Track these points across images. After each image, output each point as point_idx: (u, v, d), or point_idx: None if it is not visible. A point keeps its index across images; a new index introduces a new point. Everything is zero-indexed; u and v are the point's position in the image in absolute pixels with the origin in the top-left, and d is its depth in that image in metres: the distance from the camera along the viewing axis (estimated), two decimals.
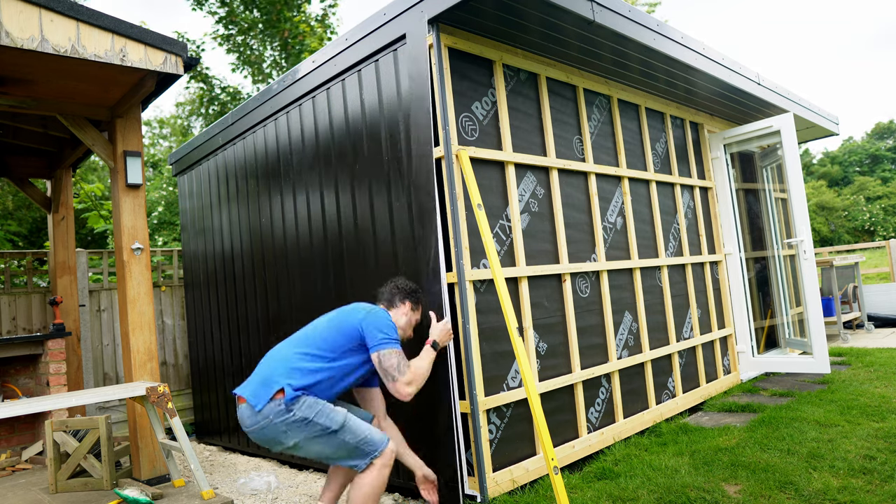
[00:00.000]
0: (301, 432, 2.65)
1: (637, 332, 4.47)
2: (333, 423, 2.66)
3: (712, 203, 5.73)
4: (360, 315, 2.91)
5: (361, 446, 2.69)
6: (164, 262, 6.69)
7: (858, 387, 4.97)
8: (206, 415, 5.82)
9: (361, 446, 2.69)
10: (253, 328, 4.98)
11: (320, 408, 2.68)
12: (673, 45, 4.20)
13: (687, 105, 5.55)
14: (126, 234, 4.05)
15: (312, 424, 2.64)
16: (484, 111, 3.60)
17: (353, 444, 2.68)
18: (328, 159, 4.06)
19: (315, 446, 2.69)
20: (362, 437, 2.70)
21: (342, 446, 2.68)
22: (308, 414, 2.64)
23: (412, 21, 3.36)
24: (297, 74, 4.27)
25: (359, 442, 2.69)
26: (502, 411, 3.40)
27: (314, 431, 2.65)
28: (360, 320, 2.88)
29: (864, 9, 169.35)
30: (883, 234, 32.92)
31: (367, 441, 2.70)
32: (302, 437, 2.66)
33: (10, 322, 5.56)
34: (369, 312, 2.92)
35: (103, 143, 4.16)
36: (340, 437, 2.67)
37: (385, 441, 2.75)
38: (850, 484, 2.98)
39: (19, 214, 13.83)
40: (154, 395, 3.56)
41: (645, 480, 3.24)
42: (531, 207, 3.80)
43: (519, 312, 3.59)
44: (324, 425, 2.65)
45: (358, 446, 2.69)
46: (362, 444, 2.69)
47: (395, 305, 3.13)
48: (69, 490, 3.71)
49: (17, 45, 3.19)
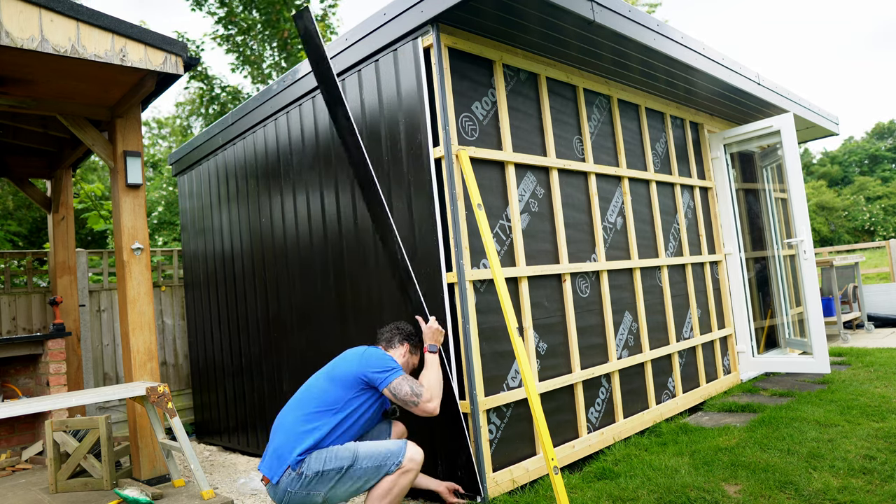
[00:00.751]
0: (323, 485, 2.62)
1: (637, 332, 4.47)
2: (345, 460, 2.64)
3: (712, 203, 5.73)
4: (354, 363, 2.88)
5: (384, 463, 2.67)
6: (164, 262, 6.69)
7: (858, 387, 4.97)
8: (206, 415, 5.82)
9: (384, 463, 2.67)
10: (253, 328, 4.98)
11: (325, 455, 2.65)
12: (673, 45, 4.20)
13: (687, 105, 5.55)
14: (126, 234, 4.05)
15: (327, 473, 2.62)
16: (484, 111, 3.60)
17: (375, 465, 2.66)
18: (328, 159, 4.06)
19: (343, 488, 2.66)
20: (380, 454, 2.68)
21: (366, 473, 2.65)
22: (317, 467, 2.62)
23: (412, 21, 3.36)
24: (296, 74, 4.27)
25: (380, 461, 2.66)
26: (502, 411, 3.40)
27: (333, 478, 2.62)
28: (357, 368, 2.85)
29: (864, 8, 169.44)
30: (883, 234, 32.93)
31: (388, 455, 2.68)
32: (326, 488, 2.63)
33: (10, 322, 5.57)
34: (362, 357, 2.90)
35: (103, 143, 4.16)
36: (359, 466, 2.64)
37: (402, 449, 2.71)
38: (850, 484, 2.98)
39: (19, 214, 13.83)
40: (154, 395, 3.56)
41: (645, 480, 3.24)
42: (531, 207, 3.80)
43: (519, 312, 3.59)
44: (338, 467, 2.63)
45: (381, 465, 2.66)
46: (385, 461, 2.67)
47: (394, 346, 3.13)
48: (69, 490, 3.71)
49: (17, 45, 3.19)
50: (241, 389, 5.17)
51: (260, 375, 4.90)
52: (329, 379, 2.88)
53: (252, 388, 5.02)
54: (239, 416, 5.23)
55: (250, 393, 5.04)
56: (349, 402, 2.80)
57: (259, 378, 4.92)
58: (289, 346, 4.54)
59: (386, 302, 3.66)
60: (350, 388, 2.82)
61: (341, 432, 2.76)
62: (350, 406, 2.80)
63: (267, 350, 4.81)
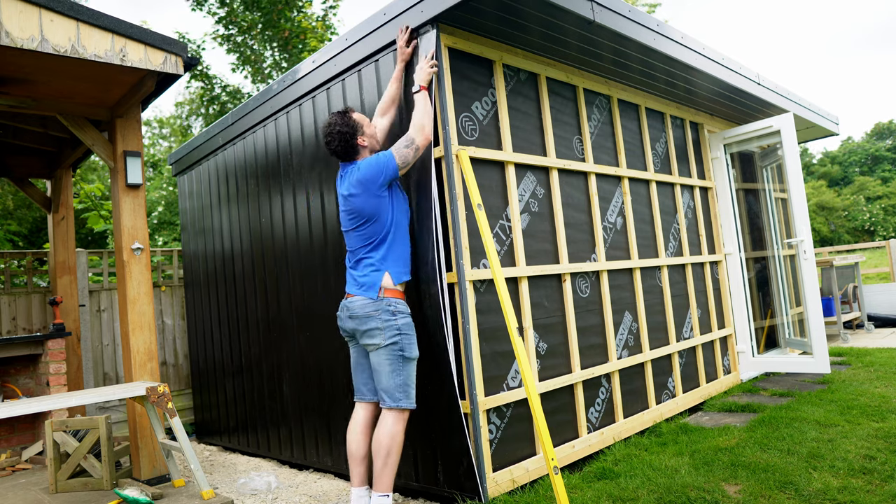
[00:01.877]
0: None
1: (637, 332, 4.47)
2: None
3: (712, 203, 5.73)
4: (356, 186, 3.12)
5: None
6: (164, 262, 6.69)
7: (858, 387, 4.97)
8: (206, 415, 5.82)
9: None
10: (253, 328, 4.98)
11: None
12: (673, 45, 4.20)
13: (687, 105, 5.55)
14: (126, 234, 4.05)
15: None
16: (484, 111, 3.60)
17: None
18: (328, 159, 4.06)
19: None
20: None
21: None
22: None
23: (412, 21, 3.36)
24: (297, 74, 4.28)
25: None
26: (502, 411, 3.40)
27: None
28: (363, 186, 3.10)
29: (863, 7, 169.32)
30: (883, 234, 32.94)
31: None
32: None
33: (10, 322, 5.57)
34: (357, 177, 3.12)
35: (103, 143, 4.17)
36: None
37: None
38: (850, 484, 2.98)
39: (19, 214, 13.84)
40: (154, 395, 3.56)
41: (645, 480, 3.24)
42: (531, 207, 3.80)
43: (519, 312, 3.59)
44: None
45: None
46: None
47: (357, 139, 3.18)
48: (69, 490, 3.71)
49: (17, 45, 3.19)
50: (241, 389, 5.17)
51: (260, 375, 4.90)
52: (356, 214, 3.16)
53: (252, 388, 5.02)
54: (239, 416, 5.23)
55: (250, 393, 5.05)
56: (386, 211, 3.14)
57: (259, 378, 4.92)
58: (289, 347, 4.54)
59: None
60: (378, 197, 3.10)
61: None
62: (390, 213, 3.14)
63: (267, 350, 4.80)
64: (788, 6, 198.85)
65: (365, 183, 3.07)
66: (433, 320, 3.30)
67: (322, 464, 4.23)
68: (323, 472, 4.28)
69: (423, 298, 3.36)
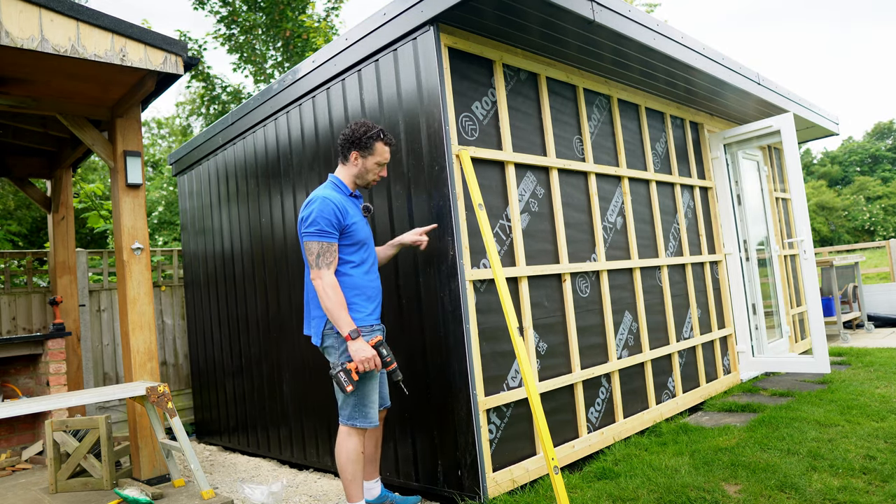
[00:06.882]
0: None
1: (637, 332, 4.47)
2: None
3: (712, 203, 5.73)
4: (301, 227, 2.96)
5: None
6: (164, 262, 6.68)
7: (858, 387, 4.97)
8: (206, 415, 5.82)
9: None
10: (253, 328, 4.98)
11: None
12: (673, 44, 4.20)
13: (687, 105, 5.55)
14: (126, 234, 4.05)
15: None
16: (484, 111, 3.60)
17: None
18: (328, 159, 4.06)
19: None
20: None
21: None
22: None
23: (412, 21, 3.36)
24: (297, 74, 4.27)
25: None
26: (502, 411, 3.40)
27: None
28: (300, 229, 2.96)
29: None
30: (883, 234, 32.94)
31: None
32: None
33: (10, 322, 5.56)
34: (302, 216, 2.95)
35: (103, 143, 4.16)
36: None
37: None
38: (850, 484, 2.98)
39: (19, 214, 13.84)
40: (154, 395, 3.56)
41: (645, 480, 3.24)
42: (531, 207, 3.80)
43: (519, 312, 3.59)
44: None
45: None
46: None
47: (347, 159, 3.08)
48: (69, 490, 3.71)
49: (17, 45, 3.19)
50: (241, 389, 5.17)
51: (260, 375, 4.90)
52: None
53: (252, 388, 5.02)
54: (239, 416, 5.23)
55: (250, 393, 5.04)
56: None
57: (259, 378, 4.92)
58: (289, 346, 4.54)
59: (385, 301, 3.65)
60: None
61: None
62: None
63: (267, 350, 4.80)
64: (789, 6, 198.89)
65: (301, 215, 2.98)
66: (433, 320, 3.30)
67: (322, 464, 4.23)
68: (323, 472, 4.28)
69: (422, 298, 3.36)
